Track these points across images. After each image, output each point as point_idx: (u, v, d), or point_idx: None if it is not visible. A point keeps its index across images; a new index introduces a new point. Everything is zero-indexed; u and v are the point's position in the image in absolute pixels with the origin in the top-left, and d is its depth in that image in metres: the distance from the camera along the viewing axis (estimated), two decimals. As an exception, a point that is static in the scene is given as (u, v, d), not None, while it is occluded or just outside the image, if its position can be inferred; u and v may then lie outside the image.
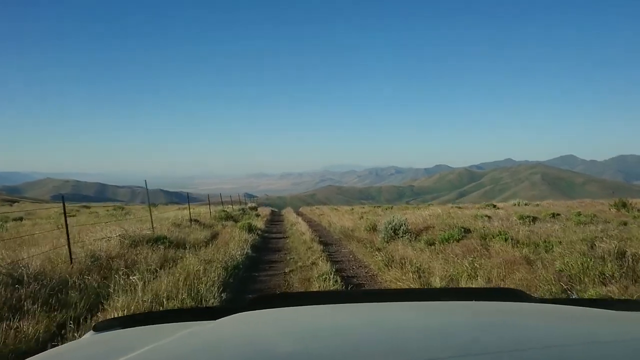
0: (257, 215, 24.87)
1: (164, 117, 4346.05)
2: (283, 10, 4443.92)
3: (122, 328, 1.44)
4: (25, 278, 5.92)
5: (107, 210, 29.15)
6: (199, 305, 5.58)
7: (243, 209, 27.82)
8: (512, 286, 5.64)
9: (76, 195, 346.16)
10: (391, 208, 28.57)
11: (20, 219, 19.83)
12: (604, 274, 5.70)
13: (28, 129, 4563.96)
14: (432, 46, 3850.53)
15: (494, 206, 20.95)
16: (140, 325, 1.46)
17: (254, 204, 44.78)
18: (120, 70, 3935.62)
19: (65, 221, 8.33)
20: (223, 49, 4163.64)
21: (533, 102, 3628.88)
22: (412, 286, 6.51)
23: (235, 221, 19.89)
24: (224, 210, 23.18)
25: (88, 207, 38.23)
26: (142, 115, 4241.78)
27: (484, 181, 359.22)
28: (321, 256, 9.55)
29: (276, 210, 46.98)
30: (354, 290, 6.97)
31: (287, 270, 8.69)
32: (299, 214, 33.89)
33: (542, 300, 1.73)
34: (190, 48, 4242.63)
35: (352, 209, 31.53)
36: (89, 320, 4.99)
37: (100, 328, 1.46)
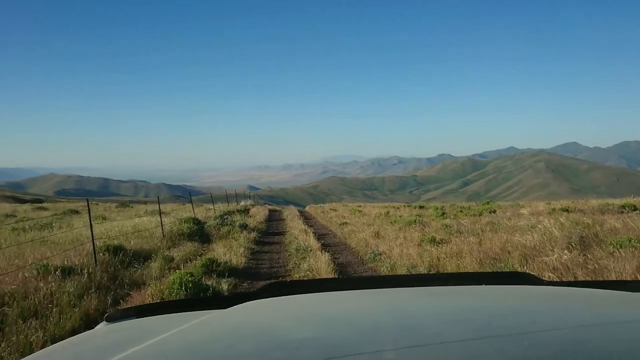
0: (243, 228, 14.99)
1: (167, 111, 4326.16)
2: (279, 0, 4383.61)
3: (135, 318, 1.43)
4: None
5: (55, 215, 21.02)
6: (210, 294, 5.49)
7: (221, 218, 17.05)
8: None
9: (80, 191, 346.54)
10: (441, 210, 18.60)
11: None
12: None
13: (30, 124, 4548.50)
14: (433, 35, 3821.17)
15: (635, 208, 13.74)
16: (153, 315, 1.45)
17: (249, 202, 35.11)
18: (122, 65, 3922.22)
19: None
20: (224, 40, 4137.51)
21: (535, 89, 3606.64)
22: None
23: (204, 241, 12.68)
24: (193, 219, 14.27)
25: (44, 209, 29.35)
26: (145, 109, 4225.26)
27: (488, 170, 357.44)
28: None
29: (277, 209, 35.52)
30: (364, 276, 6.79)
31: None
32: (307, 219, 22.94)
33: (552, 283, 1.73)
34: (190, 40, 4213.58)
35: (388, 212, 19.92)
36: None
37: (112, 318, 1.45)
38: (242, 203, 32.68)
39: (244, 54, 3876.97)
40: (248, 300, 1.49)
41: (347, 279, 5.05)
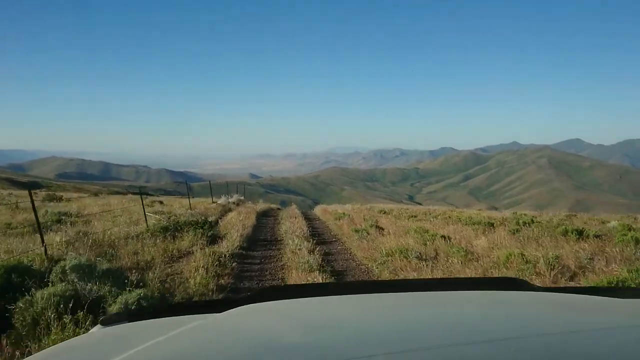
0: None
1: (173, 97, 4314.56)
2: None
3: (129, 322, 1.45)
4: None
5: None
6: (205, 298, 5.46)
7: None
8: None
9: (81, 174, 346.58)
10: (576, 231, 10.09)
11: None
12: None
13: (33, 106, 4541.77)
14: (438, 29, 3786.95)
15: None
16: (147, 319, 1.47)
17: (235, 198, 25.20)
18: (126, 47, 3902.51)
19: None
20: (229, 27, 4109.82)
21: (540, 84, 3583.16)
22: None
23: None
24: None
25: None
26: (151, 96, 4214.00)
27: (490, 164, 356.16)
28: None
29: (272, 209, 25.65)
30: (358, 281, 6.95)
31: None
32: (323, 246, 11.48)
33: (544, 289, 1.75)
34: (195, 27, 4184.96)
35: (492, 235, 10.47)
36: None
37: (107, 322, 1.46)
38: (222, 200, 23.84)
39: (249, 44, 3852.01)
40: (242, 305, 1.49)
41: (339, 283, 5.11)
